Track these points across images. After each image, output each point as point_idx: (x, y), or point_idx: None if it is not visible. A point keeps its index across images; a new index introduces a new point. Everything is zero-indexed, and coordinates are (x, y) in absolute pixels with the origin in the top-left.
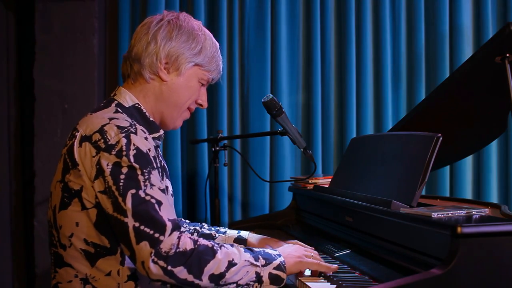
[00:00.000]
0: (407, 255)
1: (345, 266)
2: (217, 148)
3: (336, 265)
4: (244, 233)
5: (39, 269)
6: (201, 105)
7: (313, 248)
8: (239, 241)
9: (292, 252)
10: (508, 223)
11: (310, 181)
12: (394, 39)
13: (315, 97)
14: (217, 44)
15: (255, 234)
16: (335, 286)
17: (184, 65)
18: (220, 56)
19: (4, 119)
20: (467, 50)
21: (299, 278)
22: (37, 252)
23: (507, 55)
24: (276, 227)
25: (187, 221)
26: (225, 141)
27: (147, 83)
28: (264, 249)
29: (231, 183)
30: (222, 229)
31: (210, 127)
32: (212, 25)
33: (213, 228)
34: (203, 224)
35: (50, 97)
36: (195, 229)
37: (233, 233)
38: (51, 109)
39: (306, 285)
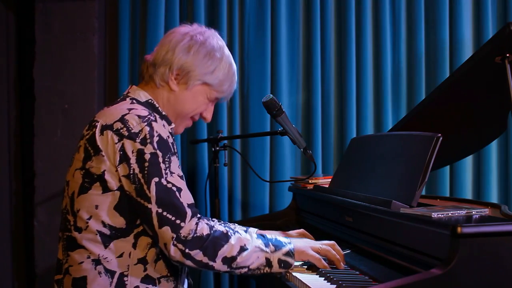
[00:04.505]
0: (407, 255)
1: (345, 266)
2: (217, 148)
3: (325, 264)
4: (252, 230)
5: (39, 269)
6: (205, 118)
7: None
8: None
9: (298, 242)
10: (508, 223)
11: (310, 181)
12: (394, 39)
13: (315, 97)
14: (235, 67)
15: (261, 231)
16: (335, 286)
17: (193, 82)
18: (235, 79)
19: (4, 119)
20: (467, 50)
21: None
22: (37, 252)
23: (507, 55)
24: (276, 227)
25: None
26: (225, 141)
27: (157, 88)
28: (276, 236)
29: (231, 183)
30: (231, 225)
31: (210, 127)
32: (212, 25)
33: (223, 224)
34: (214, 219)
35: (50, 97)
36: None
37: (241, 229)
38: (51, 109)
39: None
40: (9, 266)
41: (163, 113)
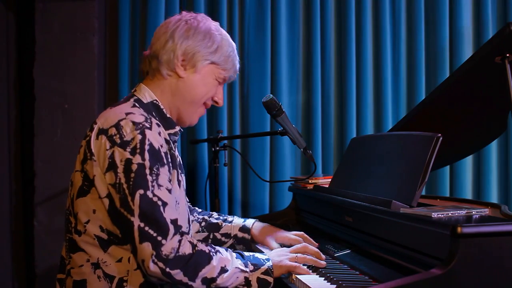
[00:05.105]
0: (407, 255)
1: (345, 266)
2: (217, 148)
3: (306, 269)
4: (249, 223)
5: (39, 269)
6: (217, 102)
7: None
8: (244, 230)
9: (275, 257)
10: (508, 223)
11: (310, 181)
12: (394, 39)
13: (315, 97)
14: (234, 44)
15: (260, 223)
16: (335, 286)
17: (201, 62)
18: (237, 56)
19: (4, 119)
20: (467, 50)
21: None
22: (37, 252)
23: (507, 55)
24: (276, 227)
25: (198, 210)
26: (225, 141)
27: (164, 79)
28: (254, 254)
29: (231, 183)
30: (229, 218)
31: (210, 127)
32: None
33: (221, 217)
34: (212, 213)
35: (50, 97)
36: (203, 219)
37: (239, 222)
38: (51, 109)
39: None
40: (9, 266)
41: (168, 115)
